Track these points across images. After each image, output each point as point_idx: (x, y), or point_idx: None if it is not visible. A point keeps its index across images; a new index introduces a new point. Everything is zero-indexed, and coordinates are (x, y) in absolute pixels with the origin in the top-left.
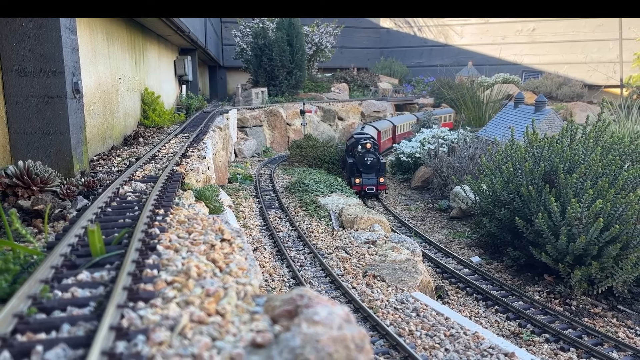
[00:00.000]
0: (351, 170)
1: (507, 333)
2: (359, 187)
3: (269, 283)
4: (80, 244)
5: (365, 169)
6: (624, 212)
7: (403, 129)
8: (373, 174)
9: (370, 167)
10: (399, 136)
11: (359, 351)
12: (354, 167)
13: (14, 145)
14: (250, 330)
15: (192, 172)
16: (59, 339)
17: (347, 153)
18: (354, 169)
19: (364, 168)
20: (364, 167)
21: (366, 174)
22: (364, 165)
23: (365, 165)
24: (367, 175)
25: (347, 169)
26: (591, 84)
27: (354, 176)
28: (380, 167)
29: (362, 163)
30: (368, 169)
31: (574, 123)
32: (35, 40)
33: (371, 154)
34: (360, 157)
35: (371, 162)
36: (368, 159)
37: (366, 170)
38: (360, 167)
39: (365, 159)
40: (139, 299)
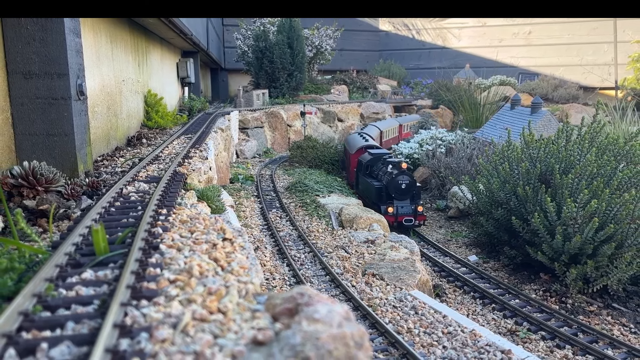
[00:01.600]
0: (379, 196)
1: (503, 331)
2: (393, 217)
3: (270, 282)
4: (85, 243)
5: (399, 194)
6: (619, 212)
7: (389, 134)
8: (408, 200)
9: (405, 191)
10: (384, 142)
11: (359, 348)
12: (382, 192)
13: (19, 146)
14: (252, 328)
15: (194, 173)
16: (63, 336)
17: (364, 171)
18: (382, 194)
19: (397, 193)
20: (397, 192)
21: (400, 201)
22: (397, 190)
23: (399, 190)
24: (401, 203)
25: (365, 189)
26: (586, 86)
27: (383, 203)
28: (416, 191)
29: (394, 187)
30: (402, 195)
31: (570, 124)
32: (40, 43)
33: (406, 175)
34: (392, 180)
35: (406, 186)
36: (402, 183)
37: (400, 195)
38: (392, 191)
39: (399, 182)
40: (142, 297)
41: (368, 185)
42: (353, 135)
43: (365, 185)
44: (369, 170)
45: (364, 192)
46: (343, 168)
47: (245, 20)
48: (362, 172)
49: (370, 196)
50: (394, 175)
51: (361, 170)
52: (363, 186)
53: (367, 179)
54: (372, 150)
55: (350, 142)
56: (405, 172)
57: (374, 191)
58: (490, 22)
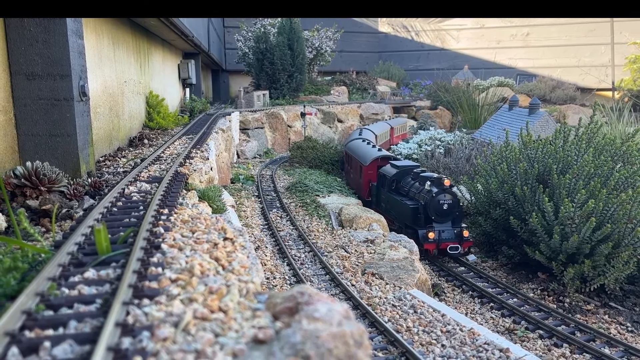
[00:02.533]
0: (414, 218)
1: (502, 329)
2: (434, 244)
3: (271, 281)
4: (87, 242)
5: (440, 217)
6: (616, 212)
7: (382, 138)
8: (449, 222)
9: (447, 213)
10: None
11: (358, 347)
12: (420, 214)
13: (22, 147)
14: (252, 326)
15: (195, 173)
16: (66, 335)
17: (388, 187)
18: (419, 216)
19: (437, 215)
20: (437, 213)
21: (440, 224)
22: (437, 212)
23: (440, 211)
24: (442, 226)
25: (393, 208)
26: (584, 87)
27: (420, 226)
28: (459, 211)
29: (435, 208)
30: (443, 217)
31: (567, 125)
32: (43, 45)
33: (448, 194)
34: (432, 200)
35: (449, 207)
36: (445, 203)
37: (441, 218)
38: (431, 213)
39: (440, 202)
40: (144, 296)
41: (398, 205)
42: (357, 143)
43: (393, 204)
44: (394, 185)
45: (391, 211)
46: (342, 169)
47: (246, 21)
48: (387, 187)
49: (401, 217)
50: (434, 194)
51: (384, 185)
52: (389, 205)
53: (395, 197)
54: (396, 163)
55: (358, 151)
56: (448, 190)
57: (408, 212)
58: (489, 24)
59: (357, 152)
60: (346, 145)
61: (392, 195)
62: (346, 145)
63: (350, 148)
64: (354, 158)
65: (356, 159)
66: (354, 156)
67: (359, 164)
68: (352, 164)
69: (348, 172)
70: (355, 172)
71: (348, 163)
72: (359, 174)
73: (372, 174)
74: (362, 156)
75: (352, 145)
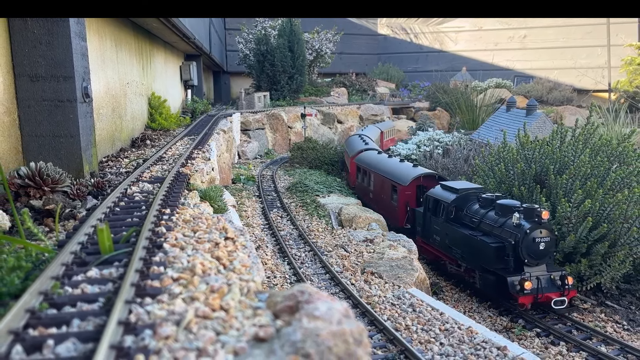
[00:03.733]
0: (499, 260)
1: (499, 328)
2: (531, 297)
3: (271, 280)
4: (90, 242)
5: (534, 258)
6: (612, 212)
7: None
8: (544, 265)
9: (544, 254)
10: None
11: (358, 345)
12: (507, 256)
13: (26, 148)
14: (253, 325)
15: (197, 173)
16: (69, 333)
17: (446, 216)
18: (507, 259)
19: (531, 257)
20: (531, 255)
21: (532, 267)
22: (532, 253)
23: (536, 252)
24: (537, 270)
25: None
26: (580, 89)
27: (508, 271)
28: (554, 249)
29: (528, 248)
30: (539, 258)
31: (564, 126)
32: (46, 47)
33: (545, 229)
34: (526, 239)
35: (546, 246)
36: (541, 241)
37: (535, 260)
38: (524, 255)
39: (535, 240)
40: (146, 295)
41: (468, 241)
42: (374, 155)
43: (458, 239)
44: (454, 213)
45: (454, 247)
46: (342, 169)
47: (247, 23)
48: (443, 216)
49: (474, 257)
50: (527, 230)
51: (439, 212)
52: (450, 239)
53: (460, 230)
54: (449, 184)
55: (382, 166)
56: (545, 225)
57: (489, 253)
58: (486, 26)
59: (381, 167)
60: (357, 157)
61: (453, 226)
62: (357, 158)
63: (367, 162)
64: (380, 175)
65: (382, 177)
66: (379, 173)
67: (390, 183)
68: (375, 181)
69: (364, 188)
70: (383, 191)
71: (364, 178)
72: (390, 195)
73: (411, 195)
74: (394, 174)
75: (368, 158)
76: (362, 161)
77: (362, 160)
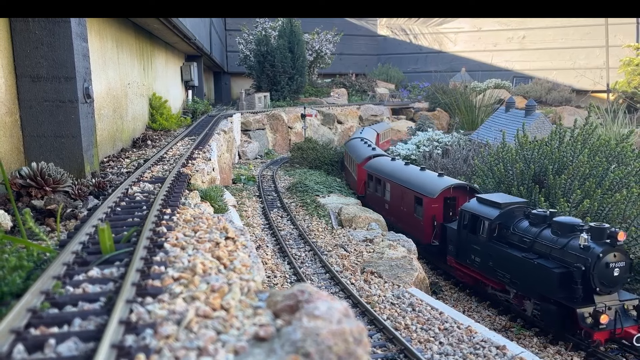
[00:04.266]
0: (564, 288)
1: (498, 327)
2: (607, 333)
3: (271, 279)
4: (91, 242)
5: (607, 286)
6: (610, 212)
7: None
8: (616, 293)
9: (618, 280)
10: None
11: (357, 344)
12: (576, 284)
13: (28, 148)
14: (254, 324)
15: (197, 174)
16: (70, 332)
17: (488, 234)
18: (574, 287)
19: (603, 285)
20: (604, 282)
21: (603, 296)
22: (604, 280)
23: (609, 279)
24: (611, 299)
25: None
26: (579, 89)
27: (577, 302)
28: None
29: (601, 275)
30: (612, 286)
31: (563, 126)
32: (48, 48)
33: (619, 252)
34: (598, 264)
35: (620, 272)
36: (616, 267)
37: (607, 288)
38: (596, 282)
39: (608, 265)
40: (147, 295)
41: (524, 265)
42: (388, 162)
43: (510, 262)
44: (497, 232)
45: (499, 270)
46: (342, 169)
47: (248, 24)
48: (484, 234)
49: (533, 284)
50: (599, 254)
51: (478, 230)
52: (495, 260)
53: (511, 252)
54: (488, 197)
55: (399, 174)
56: (619, 248)
57: (551, 280)
58: (485, 27)
59: (400, 176)
60: (367, 164)
61: (498, 247)
62: (368, 165)
63: (381, 170)
64: (399, 185)
65: (403, 187)
66: (397, 183)
67: (413, 194)
68: (392, 192)
69: (378, 199)
70: (404, 203)
71: (377, 188)
72: (412, 207)
73: (438, 208)
74: (418, 184)
75: (382, 165)
76: (375, 169)
77: (374, 167)
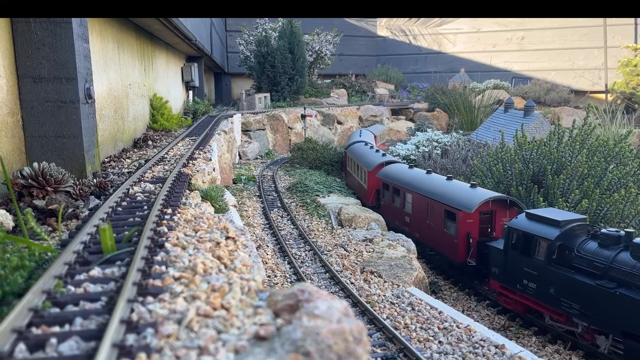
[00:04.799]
0: None
1: (497, 326)
2: None
3: (272, 279)
4: (93, 241)
5: None
6: (609, 212)
7: None
8: None
9: None
10: None
11: (357, 343)
12: None
13: (29, 148)
14: (254, 323)
15: (198, 174)
16: (72, 331)
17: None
18: None
19: None
20: None
21: None
22: None
23: None
24: None
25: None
26: (577, 90)
27: None
28: None
29: None
30: None
31: (561, 127)
32: (49, 48)
33: None
34: None
35: None
36: None
37: None
38: None
39: None
40: (148, 294)
41: (598, 295)
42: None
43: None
44: (556, 254)
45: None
46: (342, 169)
47: (248, 25)
48: (545, 257)
49: (614, 318)
50: None
51: (534, 252)
52: (564, 289)
53: (580, 279)
54: (542, 214)
55: (433, 187)
56: None
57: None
58: (485, 28)
59: (425, 187)
60: (381, 172)
61: (560, 271)
62: (382, 173)
63: (399, 179)
64: (424, 197)
65: (429, 199)
66: (422, 194)
67: (443, 208)
68: (414, 203)
69: (395, 211)
70: (431, 217)
71: (394, 198)
72: (442, 222)
73: (473, 224)
74: (449, 196)
75: (399, 174)
76: (391, 177)
77: (391, 175)
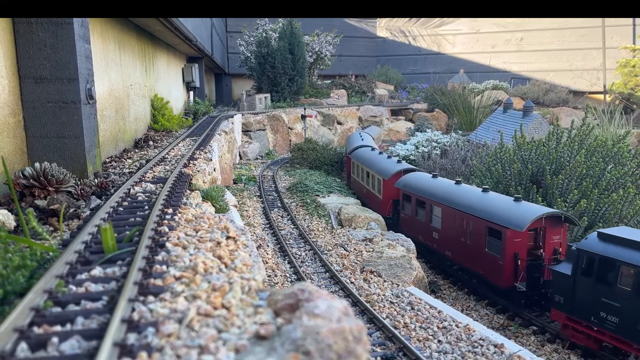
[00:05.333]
0: None
1: (496, 325)
2: None
3: (272, 278)
4: (94, 241)
5: None
6: (607, 211)
7: None
8: None
9: None
10: None
11: (357, 342)
12: None
13: (31, 148)
14: (254, 322)
15: (199, 174)
16: (73, 331)
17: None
18: None
19: None
20: None
21: None
22: None
23: None
24: None
25: None
26: (576, 90)
27: None
28: None
29: None
30: None
31: (560, 127)
32: (51, 49)
33: None
34: None
35: None
36: None
37: None
38: None
39: None
40: (149, 293)
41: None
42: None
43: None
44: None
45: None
46: (342, 169)
47: (248, 26)
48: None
49: None
50: None
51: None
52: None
53: None
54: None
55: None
56: None
57: None
58: (484, 29)
59: (459, 200)
60: (400, 181)
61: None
62: (401, 182)
63: (424, 190)
64: (458, 212)
65: (465, 214)
66: (455, 208)
67: (485, 224)
68: (445, 218)
69: (419, 225)
70: (468, 235)
71: (417, 211)
72: (483, 241)
73: (522, 243)
74: (492, 212)
75: (423, 184)
76: (413, 187)
77: (413, 186)
